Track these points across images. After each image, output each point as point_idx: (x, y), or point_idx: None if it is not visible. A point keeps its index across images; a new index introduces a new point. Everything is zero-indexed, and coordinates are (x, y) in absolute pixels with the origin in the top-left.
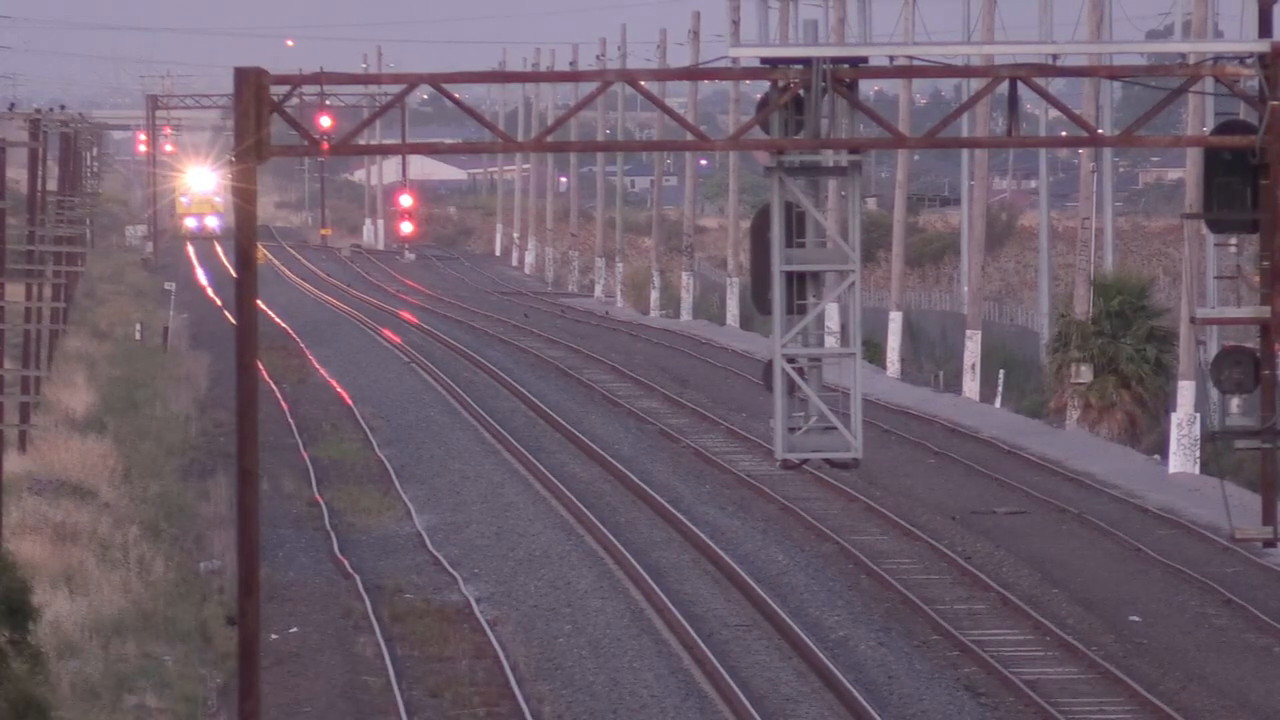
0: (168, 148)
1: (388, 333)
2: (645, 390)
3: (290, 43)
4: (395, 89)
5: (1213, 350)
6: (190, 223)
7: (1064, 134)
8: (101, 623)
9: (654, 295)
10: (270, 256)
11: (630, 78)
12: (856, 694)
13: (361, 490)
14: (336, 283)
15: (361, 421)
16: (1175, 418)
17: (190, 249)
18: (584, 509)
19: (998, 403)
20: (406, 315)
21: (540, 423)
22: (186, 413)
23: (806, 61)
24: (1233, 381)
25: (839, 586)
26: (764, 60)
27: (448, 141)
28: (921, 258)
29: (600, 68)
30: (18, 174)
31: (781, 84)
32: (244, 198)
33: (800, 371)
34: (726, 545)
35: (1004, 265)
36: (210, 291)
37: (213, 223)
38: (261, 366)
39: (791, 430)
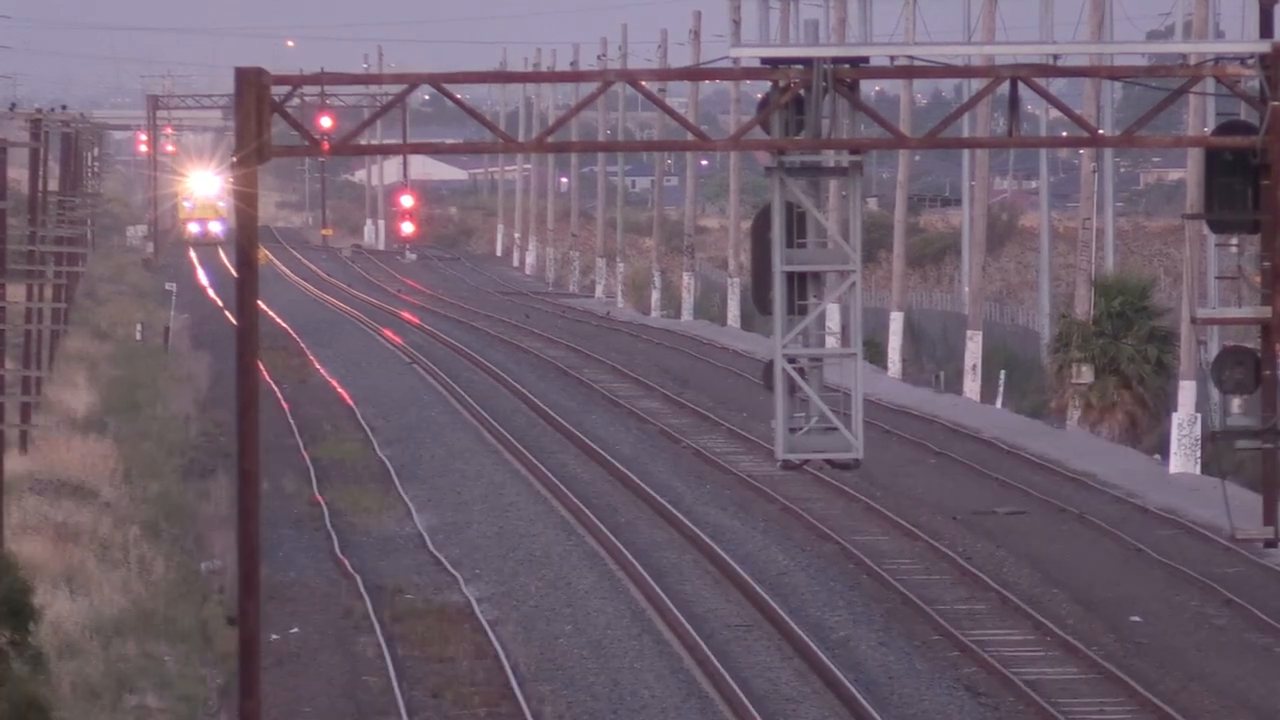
0: (169, 148)
1: (389, 333)
2: (646, 390)
3: (290, 43)
4: (396, 89)
5: (1214, 350)
6: (194, 228)
7: (1065, 134)
8: (102, 623)
9: (655, 295)
10: (271, 257)
11: (631, 77)
12: (857, 694)
13: (362, 490)
14: (337, 283)
15: (362, 421)
16: (1176, 418)
17: (191, 250)
18: (585, 509)
19: (999, 403)
20: (407, 315)
21: (541, 423)
22: (187, 413)
23: (807, 61)
24: (1234, 381)
25: (840, 587)
26: (765, 60)
27: (448, 141)
28: (922, 258)
29: (601, 68)
30: (18, 174)
31: (782, 84)
32: (245, 199)
33: (801, 372)
34: (727, 545)
35: (1005, 265)
36: (211, 292)
37: (216, 228)
38: (262, 366)
39: (792, 431)
